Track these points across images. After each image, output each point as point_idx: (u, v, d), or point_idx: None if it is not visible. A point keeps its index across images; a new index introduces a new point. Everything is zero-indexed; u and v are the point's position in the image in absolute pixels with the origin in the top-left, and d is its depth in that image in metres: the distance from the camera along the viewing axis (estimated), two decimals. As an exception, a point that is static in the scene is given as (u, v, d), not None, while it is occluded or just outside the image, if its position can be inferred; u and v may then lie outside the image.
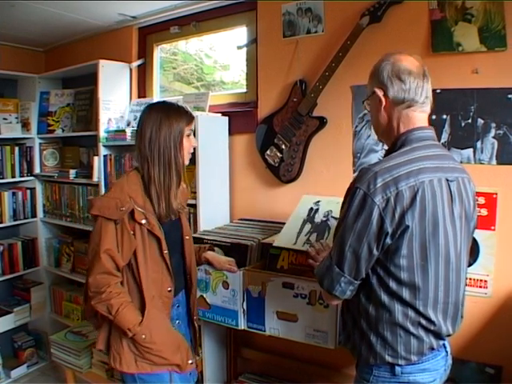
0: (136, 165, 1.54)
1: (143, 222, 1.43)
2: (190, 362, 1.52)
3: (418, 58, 1.20)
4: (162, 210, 1.47)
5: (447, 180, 1.13)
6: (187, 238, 1.64)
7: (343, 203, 1.17)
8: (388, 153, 1.22)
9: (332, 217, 1.72)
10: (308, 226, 1.75)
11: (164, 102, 1.59)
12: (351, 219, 1.10)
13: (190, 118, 1.52)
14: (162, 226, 1.49)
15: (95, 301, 1.41)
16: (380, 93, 1.18)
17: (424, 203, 1.07)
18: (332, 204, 1.77)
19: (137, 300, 1.46)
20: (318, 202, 1.81)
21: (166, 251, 1.48)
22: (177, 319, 1.61)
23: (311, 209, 1.80)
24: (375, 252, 1.10)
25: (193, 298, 1.69)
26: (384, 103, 1.18)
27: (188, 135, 1.52)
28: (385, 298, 1.13)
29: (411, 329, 1.13)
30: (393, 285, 1.11)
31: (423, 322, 1.13)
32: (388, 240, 1.08)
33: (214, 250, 1.85)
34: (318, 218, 1.76)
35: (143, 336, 1.41)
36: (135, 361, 1.44)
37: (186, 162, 1.57)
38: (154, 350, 1.44)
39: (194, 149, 2.08)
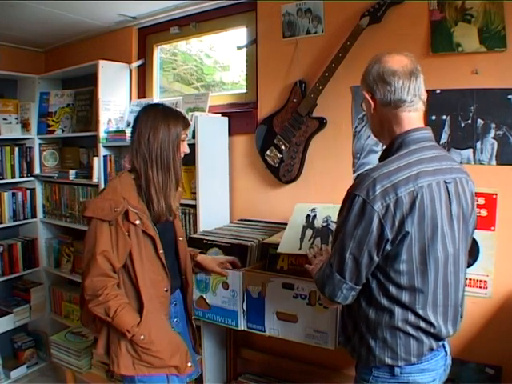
0: (129, 167, 1.54)
1: (137, 222, 1.43)
2: (189, 364, 1.51)
3: (409, 56, 1.18)
4: (161, 210, 1.48)
5: (445, 182, 1.13)
6: (181, 239, 1.64)
7: (341, 209, 1.16)
8: (385, 153, 1.21)
9: (332, 221, 1.70)
10: (309, 232, 1.73)
11: (162, 104, 1.60)
12: (351, 226, 1.09)
13: (186, 124, 1.54)
14: (156, 226, 1.49)
15: (92, 304, 1.40)
16: (368, 96, 1.19)
17: (423, 208, 1.07)
18: (329, 210, 1.75)
19: (134, 301, 1.46)
20: (314, 208, 1.80)
21: (161, 251, 1.49)
22: (175, 317, 1.62)
23: (308, 216, 1.78)
24: (375, 258, 1.10)
25: (189, 297, 1.69)
26: (373, 105, 1.19)
27: (183, 140, 1.53)
28: (384, 301, 1.13)
29: (411, 331, 1.13)
30: (392, 289, 1.12)
31: (423, 325, 1.13)
32: (388, 246, 1.08)
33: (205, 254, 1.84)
34: (318, 223, 1.73)
35: (142, 337, 1.41)
36: (133, 363, 1.44)
37: None
38: (152, 350, 1.43)
39: (194, 149, 2.11)
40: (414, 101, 1.15)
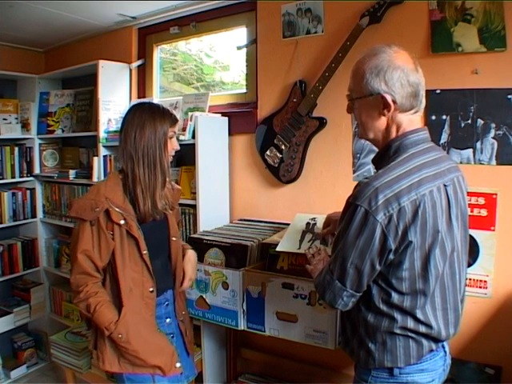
0: (119, 167, 1.54)
1: (122, 222, 1.43)
2: (177, 365, 1.50)
3: (413, 56, 1.17)
4: (146, 209, 1.47)
5: (444, 185, 1.12)
6: (174, 239, 1.63)
7: (341, 218, 1.14)
8: (380, 157, 1.19)
9: None
10: (309, 235, 1.73)
11: (149, 103, 1.59)
12: (352, 237, 1.07)
13: (174, 121, 1.53)
14: (142, 226, 1.48)
15: (76, 300, 1.45)
16: (389, 98, 1.11)
17: (425, 216, 1.06)
18: None
19: (117, 300, 1.47)
20: (314, 218, 1.80)
21: (144, 252, 1.48)
22: (167, 317, 1.60)
23: (308, 223, 1.78)
24: (378, 267, 1.09)
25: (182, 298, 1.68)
26: (392, 109, 1.12)
27: (171, 137, 1.52)
28: (384, 307, 1.13)
29: (410, 334, 1.13)
30: (394, 295, 1.11)
31: (422, 329, 1.12)
32: (391, 256, 1.07)
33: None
34: (318, 230, 1.73)
35: (119, 335, 1.41)
36: (118, 360, 1.45)
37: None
38: (129, 350, 1.44)
39: (194, 149, 2.11)
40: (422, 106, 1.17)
